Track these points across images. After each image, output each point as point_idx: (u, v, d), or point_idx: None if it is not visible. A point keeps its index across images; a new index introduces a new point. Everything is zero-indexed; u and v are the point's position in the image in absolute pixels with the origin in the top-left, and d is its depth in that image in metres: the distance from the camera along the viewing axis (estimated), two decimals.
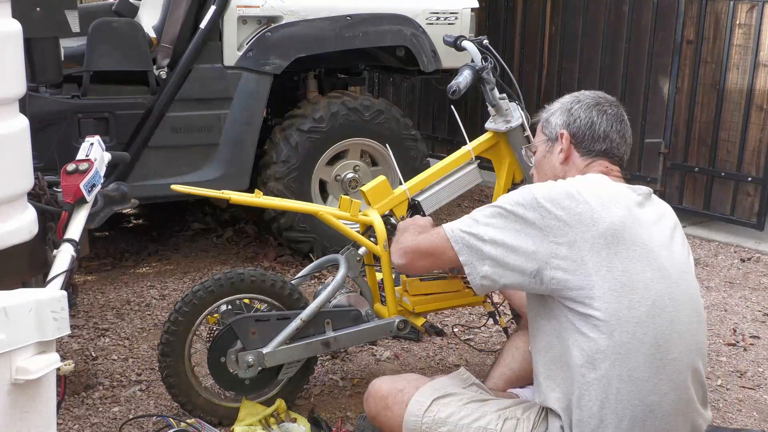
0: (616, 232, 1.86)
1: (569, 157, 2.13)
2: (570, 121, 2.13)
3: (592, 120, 2.11)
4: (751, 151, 4.90)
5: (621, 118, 2.14)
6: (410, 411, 2.07)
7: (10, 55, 2.09)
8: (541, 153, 2.20)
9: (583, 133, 2.11)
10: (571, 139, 2.12)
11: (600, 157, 2.11)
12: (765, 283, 4.31)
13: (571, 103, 2.16)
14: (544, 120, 2.21)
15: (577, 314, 1.87)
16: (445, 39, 3.10)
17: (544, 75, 5.84)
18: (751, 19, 4.79)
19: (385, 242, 2.71)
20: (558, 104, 2.19)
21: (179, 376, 2.68)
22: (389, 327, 2.77)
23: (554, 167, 2.15)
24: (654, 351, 1.85)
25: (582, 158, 2.12)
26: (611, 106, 2.15)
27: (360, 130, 4.30)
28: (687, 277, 1.97)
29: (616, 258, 1.85)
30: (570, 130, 2.13)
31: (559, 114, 2.16)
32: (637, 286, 1.85)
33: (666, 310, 1.87)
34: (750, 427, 2.91)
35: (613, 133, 2.11)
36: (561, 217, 1.88)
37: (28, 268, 2.24)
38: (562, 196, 1.91)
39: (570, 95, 2.20)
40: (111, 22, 4.03)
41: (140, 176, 3.97)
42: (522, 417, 2.01)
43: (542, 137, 2.21)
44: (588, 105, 2.14)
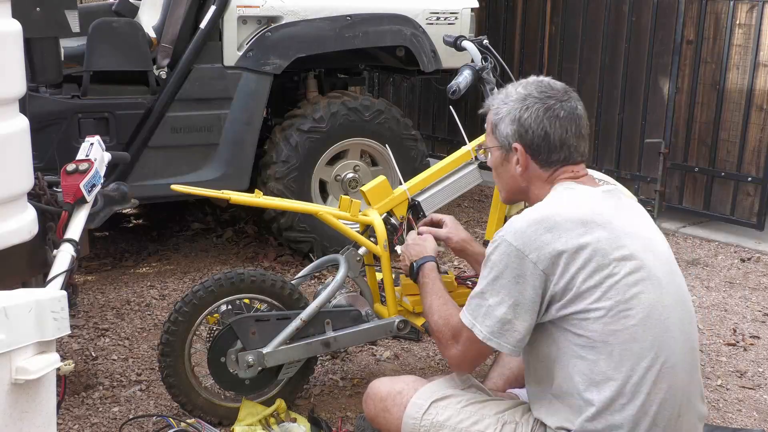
0: (605, 252, 1.83)
1: (527, 168, 2.01)
2: (522, 132, 1.99)
3: (546, 130, 1.97)
4: (751, 151, 4.90)
5: (574, 114, 1.99)
6: (408, 413, 2.07)
7: (10, 55, 2.09)
8: (497, 159, 2.08)
9: (538, 145, 1.98)
10: (526, 152, 2.00)
11: (561, 165, 2.00)
12: (765, 283, 4.30)
13: (519, 110, 1.99)
14: (493, 124, 2.06)
15: (574, 335, 1.85)
16: (445, 39, 3.10)
17: (544, 75, 5.82)
18: (751, 19, 4.80)
19: (385, 242, 2.71)
20: (505, 108, 2.02)
21: (179, 376, 2.68)
22: (389, 327, 2.77)
23: (514, 177, 2.05)
24: (653, 363, 1.83)
25: (542, 169, 2.00)
26: (562, 103, 1.99)
27: (360, 130, 4.30)
28: (673, 276, 1.94)
29: (608, 278, 1.82)
30: (523, 142, 1.99)
31: (509, 122, 2.00)
32: (631, 301, 1.83)
33: (660, 319, 1.85)
34: (750, 427, 2.91)
35: (570, 138, 1.98)
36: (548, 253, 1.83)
37: (28, 268, 2.24)
38: (540, 231, 1.84)
39: (516, 95, 2.02)
40: (111, 22, 4.03)
41: (140, 176, 3.97)
42: (521, 421, 2.01)
43: (495, 141, 2.06)
44: (537, 112, 1.97)
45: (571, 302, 1.83)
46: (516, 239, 1.86)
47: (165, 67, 4.09)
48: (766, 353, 3.49)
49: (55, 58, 3.46)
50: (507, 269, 1.87)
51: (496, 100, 2.07)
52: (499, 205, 2.97)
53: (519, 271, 1.85)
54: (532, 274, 1.84)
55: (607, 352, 1.82)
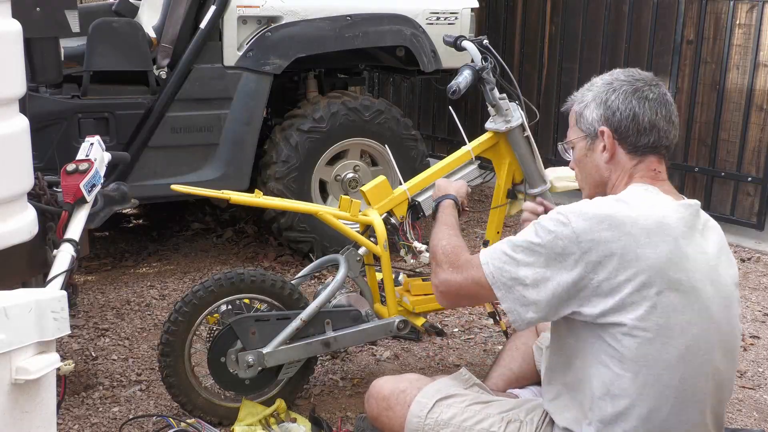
0: (661, 270, 1.73)
1: (614, 155, 1.92)
2: (608, 115, 1.90)
3: (634, 111, 1.88)
4: (751, 151, 4.90)
5: (664, 99, 1.92)
6: (413, 412, 2.07)
7: (10, 55, 2.09)
8: (581, 150, 1.99)
9: (627, 127, 1.89)
10: (614, 136, 1.91)
11: (648, 154, 1.91)
12: (765, 283, 4.31)
13: (606, 93, 1.92)
14: (578, 114, 1.98)
15: (606, 344, 1.78)
16: (445, 39, 3.10)
17: (544, 75, 5.84)
18: (751, 19, 4.79)
19: (384, 242, 2.72)
20: (590, 94, 1.96)
21: (179, 376, 2.68)
22: (389, 327, 2.77)
23: (599, 166, 1.95)
24: (678, 394, 1.78)
25: (628, 156, 1.91)
26: (651, 87, 1.92)
27: (360, 130, 4.30)
28: (729, 313, 1.85)
29: (656, 298, 1.73)
30: (611, 125, 1.90)
31: (594, 107, 1.93)
32: (674, 329, 1.74)
33: (699, 353, 1.78)
34: (750, 427, 2.91)
35: (660, 121, 1.89)
36: (601, 252, 1.74)
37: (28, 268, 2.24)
38: (603, 225, 1.75)
39: (601, 81, 1.96)
40: (111, 22, 4.03)
41: (140, 176, 3.97)
42: (525, 420, 2.00)
43: (579, 132, 1.99)
44: (626, 93, 1.90)
45: (612, 310, 1.75)
46: (577, 222, 1.77)
47: (165, 67, 4.09)
48: (766, 353, 3.49)
49: (55, 58, 3.46)
50: (553, 243, 1.79)
51: (581, 91, 2.01)
52: (499, 203, 2.97)
53: (564, 250, 1.77)
54: (575, 261, 1.76)
55: (633, 371, 1.76)
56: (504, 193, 2.96)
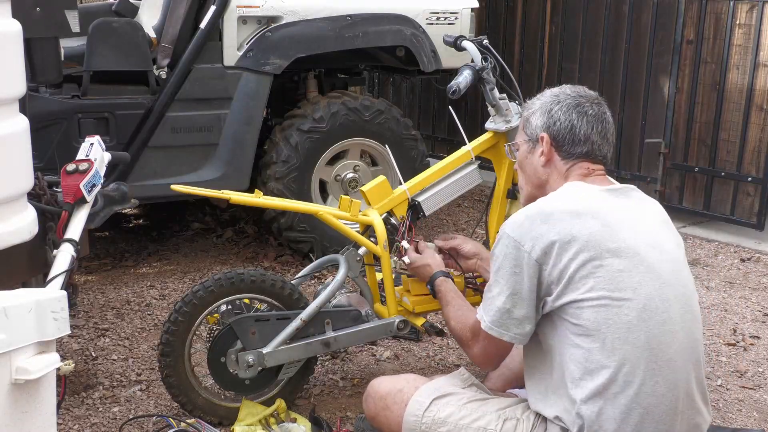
0: (597, 242, 1.87)
1: (550, 159, 2.10)
2: (550, 123, 2.09)
3: (572, 123, 2.06)
4: (751, 151, 4.90)
5: (602, 117, 2.09)
6: (410, 411, 2.07)
7: (10, 55, 2.09)
8: (523, 153, 2.17)
9: (564, 136, 2.07)
10: (551, 142, 2.09)
11: (581, 160, 2.08)
12: (765, 283, 4.31)
13: (551, 104, 2.10)
14: (525, 119, 2.17)
15: (569, 324, 1.89)
16: (445, 39, 3.10)
17: (544, 75, 5.84)
18: (751, 19, 4.80)
19: (384, 242, 2.71)
20: (538, 103, 2.14)
21: (179, 376, 2.68)
22: (389, 327, 2.77)
23: (536, 168, 2.13)
24: (648, 354, 1.85)
25: (563, 161, 2.08)
26: (592, 104, 2.09)
27: (360, 130, 4.30)
28: (679, 274, 1.97)
29: (601, 268, 1.86)
30: (550, 133, 2.09)
31: (539, 115, 2.11)
32: (625, 291, 1.86)
33: (657, 311, 1.87)
34: (750, 427, 2.91)
35: (594, 135, 2.07)
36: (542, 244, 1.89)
37: (28, 268, 2.25)
38: (536, 222, 1.92)
39: (551, 93, 2.14)
40: (111, 22, 4.03)
41: (140, 176, 3.97)
42: (522, 417, 2.02)
43: (524, 136, 2.17)
44: (568, 106, 2.08)
45: (565, 291, 1.88)
46: (513, 231, 1.95)
47: (165, 67, 4.09)
48: (766, 353, 3.49)
49: (55, 58, 3.46)
50: (506, 260, 1.94)
51: (532, 100, 2.19)
52: (499, 205, 2.97)
53: (516, 261, 1.92)
54: (527, 263, 1.91)
55: (600, 340, 1.85)
56: (504, 193, 2.96)
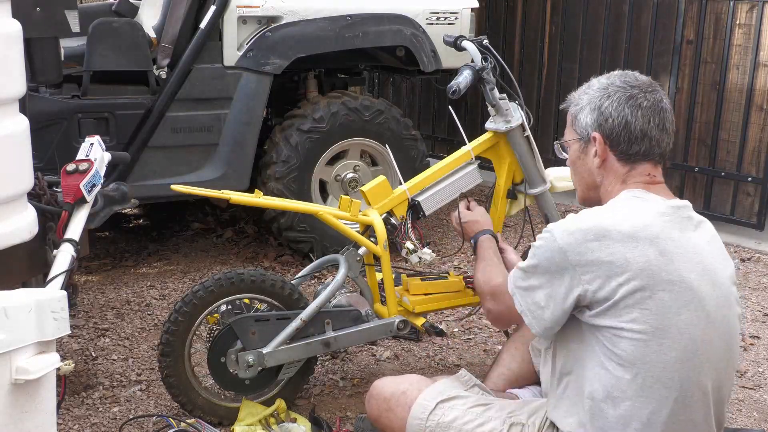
0: (651, 272, 1.76)
1: (606, 160, 1.94)
2: (601, 121, 1.91)
3: (626, 119, 1.89)
4: (751, 151, 4.90)
5: (658, 107, 1.91)
6: (414, 414, 2.07)
7: (10, 55, 2.09)
8: (575, 153, 2.01)
9: (618, 134, 1.90)
10: (605, 142, 1.92)
11: (641, 162, 1.91)
12: (765, 283, 4.30)
13: (600, 99, 1.92)
14: (573, 116, 2.00)
15: (604, 347, 1.81)
16: (445, 39, 3.10)
17: (544, 75, 5.84)
18: (751, 19, 4.79)
19: (385, 242, 2.71)
20: (586, 98, 1.96)
21: (179, 376, 2.68)
22: (389, 327, 2.77)
23: (591, 170, 1.98)
24: (677, 395, 1.79)
25: (620, 163, 1.93)
26: (646, 94, 1.91)
27: (360, 130, 4.30)
28: (727, 312, 1.86)
29: (650, 300, 1.76)
30: (602, 131, 1.91)
31: (588, 111, 1.94)
32: (670, 329, 1.76)
33: (697, 353, 1.79)
34: (750, 427, 2.91)
35: (652, 130, 1.89)
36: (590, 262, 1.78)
37: (28, 268, 2.25)
38: (588, 237, 1.79)
39: (598, 84, 1.96)
40: (111, 22, 4.03)
41: (140, 176, 3.97)
42: (527, 423, 2.00)
43: (573, 134, 2.00)
44: (619, 100, 1.90)
45: (606, 314, 1.78)
46: (563, 238, 1.83)
47: (165, 67, 4.09)
48: (766, 353, 3.49)
49: (55, 58, 3.46)
50: (547, 262, 1.86)
51: (578, 92, 2.02)
52: (499, 204, 2.97)
53: (558, 267, 1.83)
54: (571, 275, 1.81)
55: (632, 373, 1.78)
56: (504, 193, 2.96)
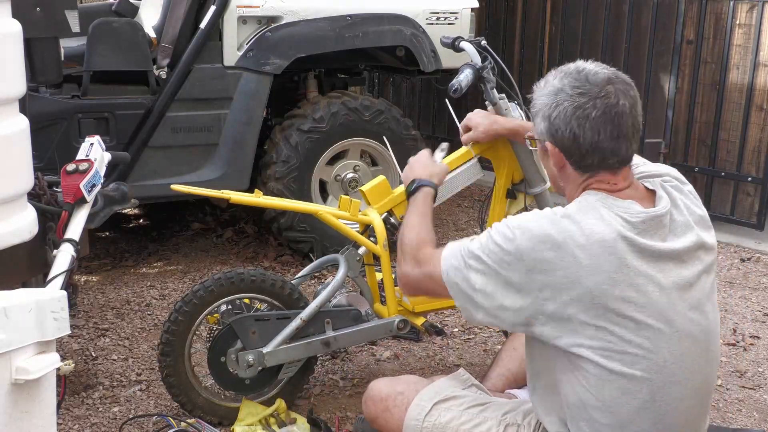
0: (605, 291, 1.69)
1: (563, 168, 1.86)
2: (552, 131, 1.81)
3: (574, 132, 1.77)
4: (751, 151, 4.90)
5: (610, 113, 1.76)
6: (410, 415, 2.07)
7: (10, 55, 2.09)
8: (539, 152, 1.95)
9: (568, 147, 1.80)
10: (560, 151, 1.83)
11: (597, 172, 1.81)
12: (765, 283, 4.31)
13: (550, 107, 1.81)
14: (533, 116, 1.92)
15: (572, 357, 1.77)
16: (443, 40, 3.10)
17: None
18: (751, 19, 4.80)
19: (384, 242, 2.72)
20: (540, 102, 1.86)
21: (179, 375, 2.68)
22: (389, 327, 2.77)
23: (552, 172, 1.92)
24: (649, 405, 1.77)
25: (577, 173, 1.83)
26: (595, 101, 1.76)
27: (360, 130, 4.30)
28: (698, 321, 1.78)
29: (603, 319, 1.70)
30: (555, 142, 1.82)
31: (540, 119, 1.85)
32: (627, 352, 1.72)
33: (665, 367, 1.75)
34: (750, 427, 2.91)
35: (603, 141, 1.76)
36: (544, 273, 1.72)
37: (28, 268, 2.25)
38: (546, 246, 1.72)
39: (551, 87, 1.84)
40: (111, 22, 4.03)
41: (140, 176, 3.97)
42: (523, 423, 2.00)
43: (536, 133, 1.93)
44: (566, 111, 1.77)
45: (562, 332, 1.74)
46: (521, 239, 1.76)
47: (165, 67, 4.09)
48: (766, 353, 3.49)
49: (55, 58, 3.46)
50: (499, 258, 1.78)
51: (538, 87, 1.91)
52: (499, 204, 2.97)
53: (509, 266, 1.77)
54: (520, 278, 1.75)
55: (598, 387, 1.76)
56: (503, 192, 2.96)
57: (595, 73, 1.81)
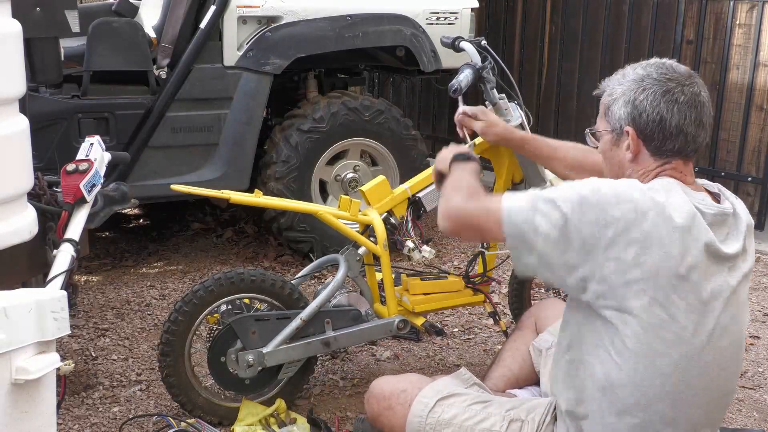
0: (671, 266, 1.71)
1: (638, 155, 1.87)
2: (635, 115, 1.83)
3: (662, 115, 1.82)
4: (751, 151, 4.90)
5: (695, 101, 1.85)
6: (414, 412, 2.07)
7: (10, 55, 2.09)
8: (607, 143, 1.94)
9: (652, 130, 1.83)
10: (638, 136, 1.85)
11: (673, 157, 1.86)
12: (765, 283, 4.30)
13: (635, 92, 1.84)
14: (606, 106, 1.92)
15: (612, 327, 1.76)
16: (443, 40, 3.09)
17: (544, 75, 5.84)
18: (751, 19, 4.80)
19: (384, 242, 2.72)
20: (620, 89, 1.88)
21: (179, 375, 2.68)
22: (389, 327, 2.77)
23: (622, 163, 1.91)
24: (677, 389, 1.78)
25: (653, 158, 1.86)
26: (683, 87, 1.84)
27: (360, 130, 4.30)
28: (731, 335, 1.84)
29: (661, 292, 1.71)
30: (636, 126, 1.84)
31: (622, 104, 1.86)
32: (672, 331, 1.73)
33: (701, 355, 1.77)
34: (750, 427, 2.91)
35: (688, 126, 1.83)
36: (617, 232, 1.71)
37: (28, 268, 2.25)
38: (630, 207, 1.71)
39: (634, 75, 1.87)
40: (111, 22, 4.03)
41: (140, 176, 3.97)
42: (527, 419, 2.01)
43: (606, 125, 1.93)
44: (655, 94, 1.82)
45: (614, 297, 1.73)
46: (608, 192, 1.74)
47: (165, 67, 4.09)
48: (766, 353, 3.49)
49: (55, 58, 3.46)
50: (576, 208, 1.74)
51: (612, 80, 1.93)
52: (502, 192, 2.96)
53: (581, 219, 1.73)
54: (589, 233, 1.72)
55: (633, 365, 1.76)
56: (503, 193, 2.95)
57: (678, 66, 1.89)
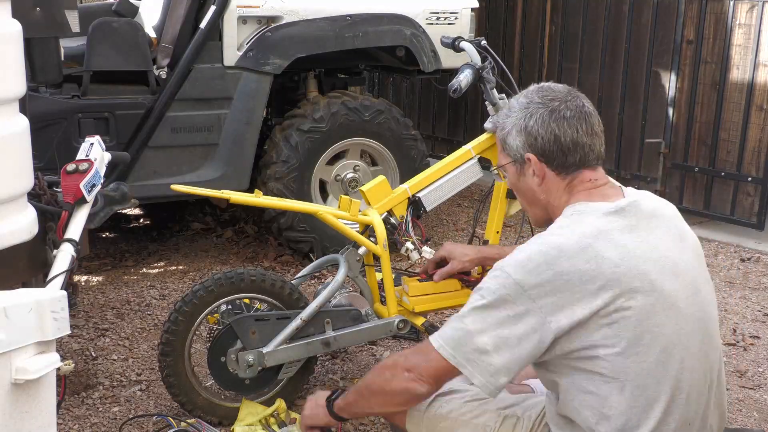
0: (609, 283, 1.72)
1: (545, 177, 1.92)
2: (531, 141, 1.90)
3: (555, 133, 1.87)
4: (751, 151, 4.90)
5: (581, 113, 1.90)
6: (415, 405, 2.10)
7: (10, 55, 2.09)
8: (513, 176, 2.00)
9: (551, 150, 1.88)
10: (540, 160, 1.90)
11: (578, 170, 1.90)
12: (765, 283, 4.31)
13: (524, 119, 1.91)
14: (502, 141, 1.98)
15: (583, 372, 1.77)
16: (443, 40, 3.10)
17: (544, 75, 5.84)
18: (751, 19, 4.79)
19: (384, 242, 2.72)
20: (510, 121, 1.95)
21: (179, 375, 2.68)
22: (389, 327, 2.77)
23: (532, 189, 1.95)
24: (666, 397, 1.77)
25: (560, 177, 1.91)
26: (566, 103, 1.90)
27: (360, 130, 4.30)
28: (696, 297, 1.83)
29: (615, 313, 1.72)
30: (535, 150, 1.90)
31: (516, 134, 1.92)
32: (644, 337, 1.73)
33: (676, 349, 1.77)
34: (750, 427, 2.91)
35: (582, 137, 1.88)
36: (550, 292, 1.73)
37: (28, 268, 2.24)
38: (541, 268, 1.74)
39: (517, 104, 1.95)
40: (111, 22, 4.03)
41: (140, 176, 3.98)
42: (522, 417, 2.03)
43: (507, 158, 1.98)
44: (543, 116, 1.89)
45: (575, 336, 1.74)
46: (516, 273, 1.76)
47: (165, 67, 4.09)
48: (766, 353, 3.49)
49: (55, 58, 3.46)
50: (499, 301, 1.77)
51: (501, 115, 2.01)
52: (499, 204, 2.97)
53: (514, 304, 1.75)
54: (527, 311, 1.74)
55: (618, 387, 1.75)
56: (504, 193, 2.96)
57: (555, 85, 1.97)
